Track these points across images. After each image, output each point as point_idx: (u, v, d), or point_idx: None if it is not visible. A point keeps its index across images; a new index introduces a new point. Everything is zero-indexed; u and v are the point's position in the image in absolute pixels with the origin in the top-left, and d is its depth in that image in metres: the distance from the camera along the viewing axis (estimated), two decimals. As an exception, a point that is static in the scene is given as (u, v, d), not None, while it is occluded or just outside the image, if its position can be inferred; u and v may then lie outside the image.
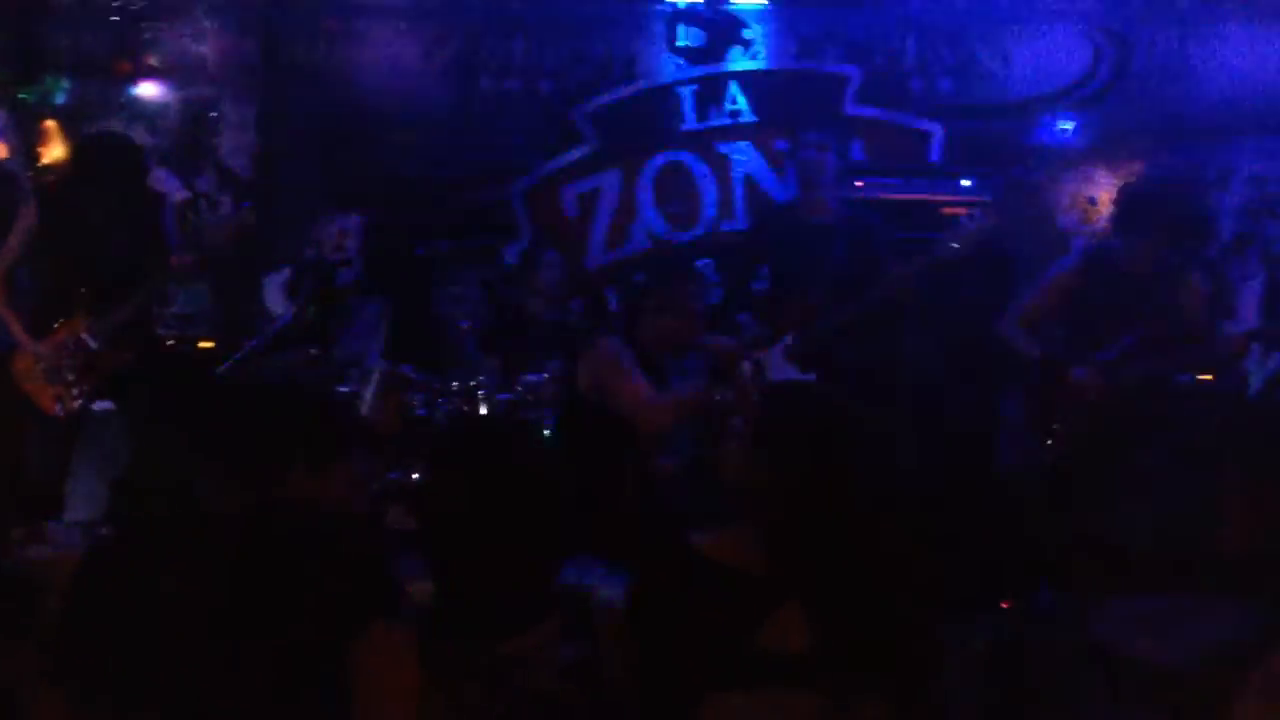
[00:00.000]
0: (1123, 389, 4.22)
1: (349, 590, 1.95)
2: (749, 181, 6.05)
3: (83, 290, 4.30)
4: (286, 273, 5.91)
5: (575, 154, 6.10)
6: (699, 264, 6.05)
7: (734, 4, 5.92)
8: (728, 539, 2.05)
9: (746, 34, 5.96)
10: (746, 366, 4.60)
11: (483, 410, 4.93)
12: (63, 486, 4.35)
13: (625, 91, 6.04)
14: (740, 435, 2.14)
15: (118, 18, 5.75)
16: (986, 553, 3.93)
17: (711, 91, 6.03)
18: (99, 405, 4.42)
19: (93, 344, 4.28)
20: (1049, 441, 4.35)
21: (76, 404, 4.31)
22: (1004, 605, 3.88)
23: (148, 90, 5.85)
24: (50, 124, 5.72)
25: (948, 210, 5.18)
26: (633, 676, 2.01)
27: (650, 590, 2.03)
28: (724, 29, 5.97)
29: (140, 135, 5.68)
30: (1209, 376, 4.48)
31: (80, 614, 2.00)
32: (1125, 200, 4.38)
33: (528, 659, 1.95)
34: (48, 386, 4.29)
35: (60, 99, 5.80)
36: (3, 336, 4.36)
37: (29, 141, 5.66)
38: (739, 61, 6.01)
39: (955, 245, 4.39)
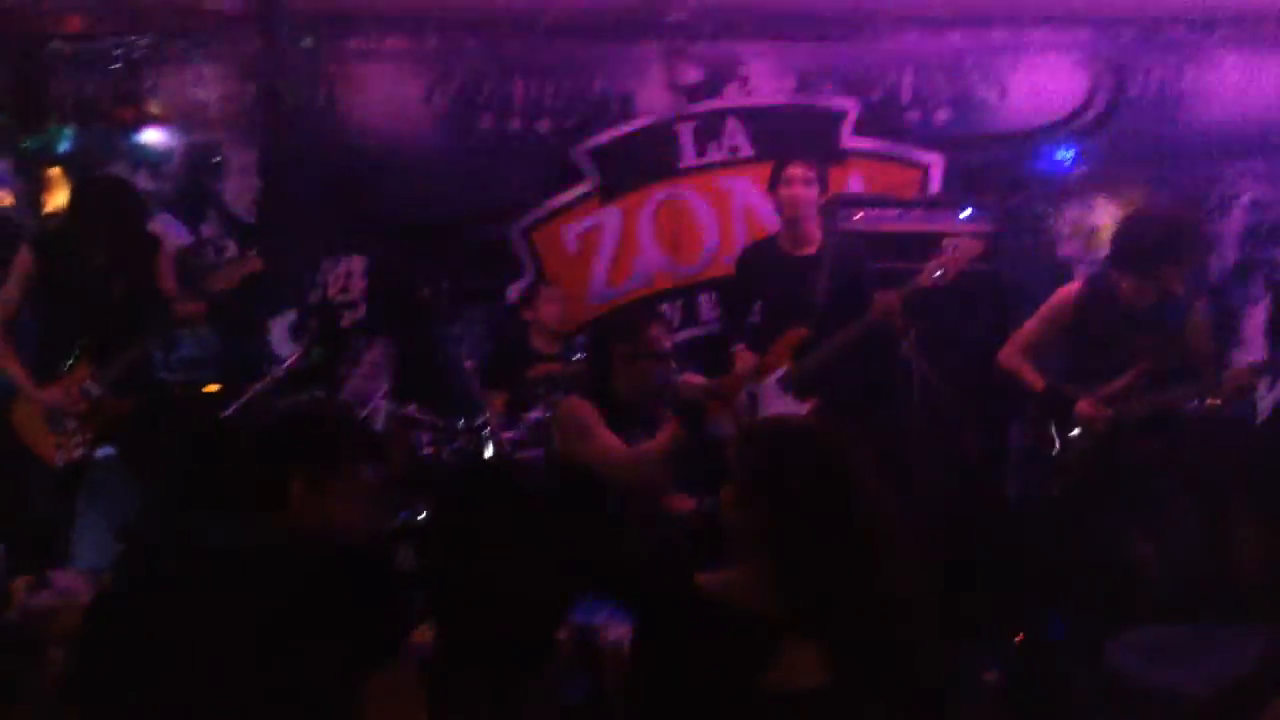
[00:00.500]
0: (1128, 423, 4.21)
1: (358, 631, 1.94)
2: (748, 215, 6.07)
3: (84, 338, 4.29)
4: (292, 315, 5.93)
5: (575, 192, 6.12)
6: (700, 298, 6.08)
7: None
8: (734, 578, 2.03)
9: (743, 70, 6.00)
10: (743, 399, 4.59)
11: (488, 449, 4.92)
12: (67, 535, 4.33)
13: (624, 129, 6.07)
14: (731, 475, 2.12)
15: (120, 65, 5.80)
16: (997, 584, 3.90)
17: (710, 127, 6.06)
18: (102, 452, 4.41)
19: (95, 391, 4.28)
20: (1054, 475, 4.33)
21: (78, 452, 4.30)
22: (1018, 638, 3.86)
23: (150, 136, 5.88)
24: (54, 171, 5.75)
25: (949, 248, 5.18)
26: (639, 717, 1.99)
27: (656, 631, 2.01)
28: (721, 65, 6.01)
29: (143, 181, 5.73)
30: (1216, 402, 4.46)
31: (94, 658, 2.00)
32: (1121, 234, 4.38)
33: (534, 699, 1.93)
34: (49, 435, 4.28)
35: (63, 147, 5.83)
36: (3, 383, 4.36)
37: (32, 189, 5.69)
38: (736, 97, 6.04)
39: (937, 272, 4.40)
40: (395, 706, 1.90)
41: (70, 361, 4.27)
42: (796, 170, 4.73)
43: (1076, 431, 4.25)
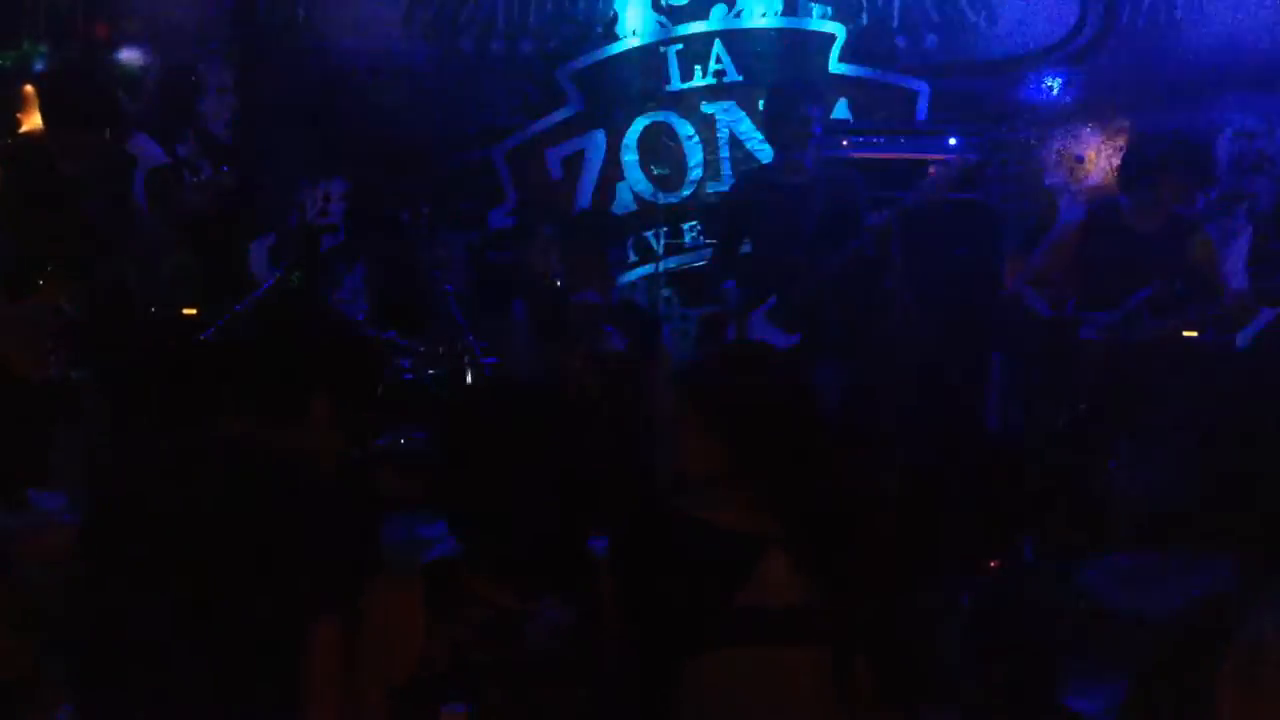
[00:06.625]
0: (1132, 348, 4.23)
1: (347, 547, 1.94)
2: (734, 142, 6.01)
3: (57, 254, 4.24)
4: (271, 238, 5.87)
5: (559, 115, 6.04)
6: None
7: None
8: (709, 498, 2.05)
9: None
10: (730, 332, 4.58)
11: (469, 375, 4.91)
12: (45, 455, 4.31)
13: (608, 51, 5.98)
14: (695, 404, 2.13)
15: (94, -20, 5.69)
16: (974, 512, 3.95)
17: (695, 51, 5.98)
18: (80, 373, 4.38)
19: (70, 311, 4.24)
20: (1062, 407, 4.37)
21: (55, 370, 4.27)
22: (992, 564, 3.90)
23: (127, 55, 5.77)
24: (29, 89, 5.64)
25: (934, 169, 5.15)
26: (625, 634, 2.02)
27: (633, 551, 2.03)
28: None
29: (120, 100, 5.62)
30: (1194, 333, 4.48)
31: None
32: (1131, 154, 4.38)
33: (524, 615, 1.96)
34: (24, 352, 4.24)
35: (38, 64, 5.71)
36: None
37: (6, 107, 5.59)
38: (723, 20, 5.95)
39: (921, 193, 4.39)
40: (390, 618, 1.91)
41: (42, 279, 4.22)
42: (810, 110, 4.65)
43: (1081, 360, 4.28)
